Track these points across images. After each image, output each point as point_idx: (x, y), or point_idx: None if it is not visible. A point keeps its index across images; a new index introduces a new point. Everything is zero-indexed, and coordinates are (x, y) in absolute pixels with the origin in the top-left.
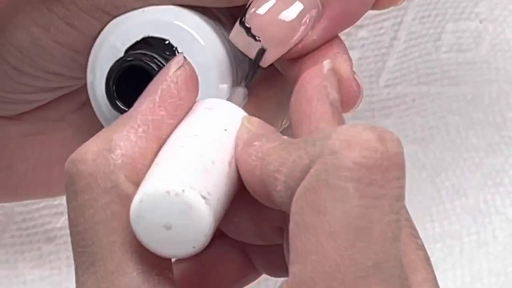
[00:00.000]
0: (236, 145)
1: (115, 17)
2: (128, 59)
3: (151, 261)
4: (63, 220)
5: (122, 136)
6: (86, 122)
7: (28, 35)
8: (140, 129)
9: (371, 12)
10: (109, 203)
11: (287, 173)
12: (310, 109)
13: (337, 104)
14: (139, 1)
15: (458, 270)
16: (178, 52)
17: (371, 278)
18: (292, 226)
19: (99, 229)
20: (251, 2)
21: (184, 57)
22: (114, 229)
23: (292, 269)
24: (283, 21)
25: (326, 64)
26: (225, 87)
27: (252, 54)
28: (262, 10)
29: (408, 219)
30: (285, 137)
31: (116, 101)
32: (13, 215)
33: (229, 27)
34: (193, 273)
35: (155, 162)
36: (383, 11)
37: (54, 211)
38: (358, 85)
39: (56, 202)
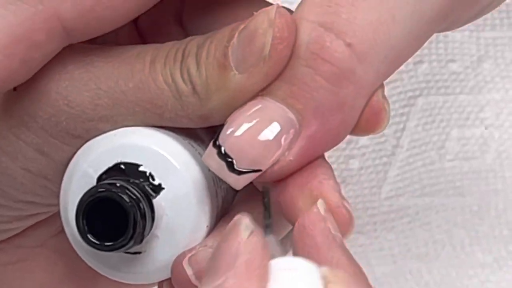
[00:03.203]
0: None
1: (87, 140)
2: (99, 190)
3: None
4: None
5: None
6: (68, 246)
7: None
8: None
9: None
10: None
11: None
12: (321, 256)
13: (342, 242)
14: (110, 123)
15: None
16: (153, 178)
17: None
18: None
19: None
20: (226, 123)
21: (248, 218)
22: None
23: None
24: (259, 142)
25: (321, 205)
26: (206, 210)
27: (226, 178)
28: (239, 131)
29: None
30: None
31: (87, 235)
32: None
33: (207, 143)
34: None
35: None
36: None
37: None
38: (348, 212)
39: None
